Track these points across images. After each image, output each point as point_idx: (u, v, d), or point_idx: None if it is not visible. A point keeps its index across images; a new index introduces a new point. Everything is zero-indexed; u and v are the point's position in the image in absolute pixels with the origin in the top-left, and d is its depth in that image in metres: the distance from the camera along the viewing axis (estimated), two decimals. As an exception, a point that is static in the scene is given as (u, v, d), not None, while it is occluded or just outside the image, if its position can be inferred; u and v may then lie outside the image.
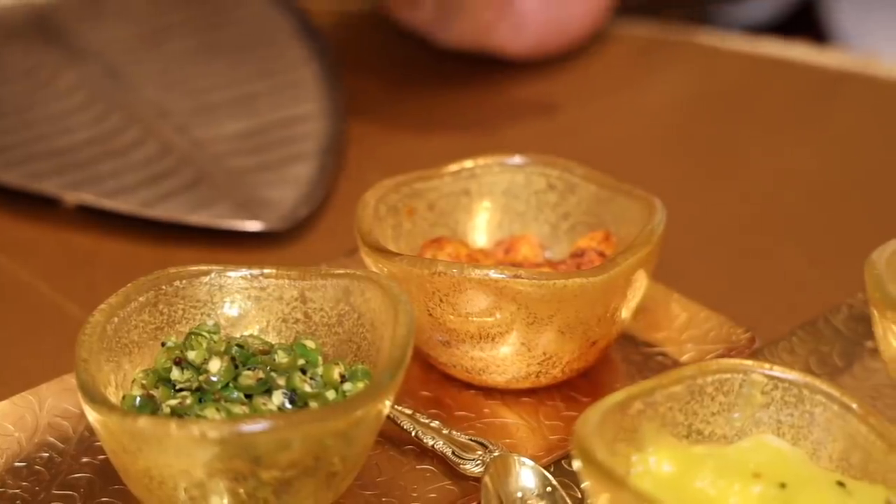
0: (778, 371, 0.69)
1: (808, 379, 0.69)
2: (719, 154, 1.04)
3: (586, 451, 0.63)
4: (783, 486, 0.65)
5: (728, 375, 0.69)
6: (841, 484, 0.66)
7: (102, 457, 0.73)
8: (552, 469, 0.72)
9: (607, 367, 0.81)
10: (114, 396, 0.70)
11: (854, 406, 0.67)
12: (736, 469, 0.66)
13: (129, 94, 1.06)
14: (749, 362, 0.69)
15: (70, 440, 0.75)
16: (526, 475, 0.71)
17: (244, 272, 0.76)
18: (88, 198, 0.95)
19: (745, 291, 0.89)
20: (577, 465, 0.63)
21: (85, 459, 0.74)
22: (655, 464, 0.67)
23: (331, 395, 0.71)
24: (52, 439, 0.75)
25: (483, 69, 1.12)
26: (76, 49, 1.11)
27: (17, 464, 0.73)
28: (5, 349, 0.84)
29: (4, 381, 0.80)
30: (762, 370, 0.69)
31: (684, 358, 0.80)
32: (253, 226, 0.93)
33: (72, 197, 0.95)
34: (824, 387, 0.68)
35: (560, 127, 1.07)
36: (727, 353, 0.80)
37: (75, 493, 0.72)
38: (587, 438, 0.63)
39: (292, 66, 1.10)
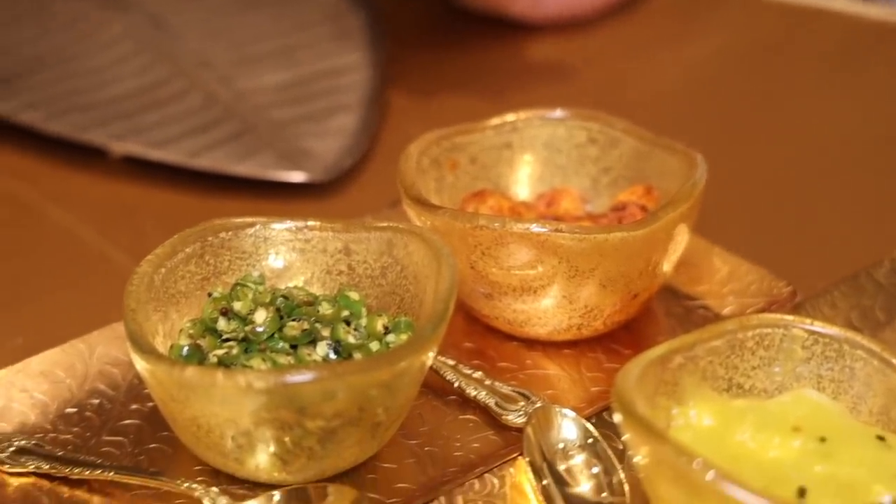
0: (819, 326, 0.69)
1: (849, 334, 0.69)
2: (761, 107, 1.04)
3: (627, 405, 0.63)
4: (823, 439, 0.66)
5: (769, 330, 0.70)
6: (881, 438, 0.66)
7: (151, 404, 0.74)
8: (594, 420, 0.73)
9: (649, 319, 0.81)
10: (161, 346, 0.72)
11: (894, 361, 0.67)
12: (776, 423, 0.67)
13: (173, 44, 1.07)
14: (790, 317, 0.70)
15: (119, 387, 0.76)
16: (567, 427, 0.72)
17: (289, 224, 0.77)
18: (134, 148, 0.96)
19: (786, 245, 0.89)
20: (617, 417, 0.64)
21: (134, 406, 0.75)
22: (696, 417, 0.67)
23: (374, 346, 0.72)
24: (102, 386, 0.76)
25: (525, 25, 1.12)
26: (122, 0, 1.12)
27: (68, 410, 0.75)
28: (55, 297, 0.86)
29: (55, 329, 0.81)
30: (803, 325, 0.69)
31: (725, 311, 0.81)
32: (296, 177, 0.94)
33: (118, 147, 0.96)
34: (865, 342, 0.69)
35: (601, 81, 1.07)
36: (768, 307, 0.80)
37: (125, 439, 0.73)
38: (628, 392, 0.64)
39: (335, 16, 1.11)
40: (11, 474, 0.70)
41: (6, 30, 1.07)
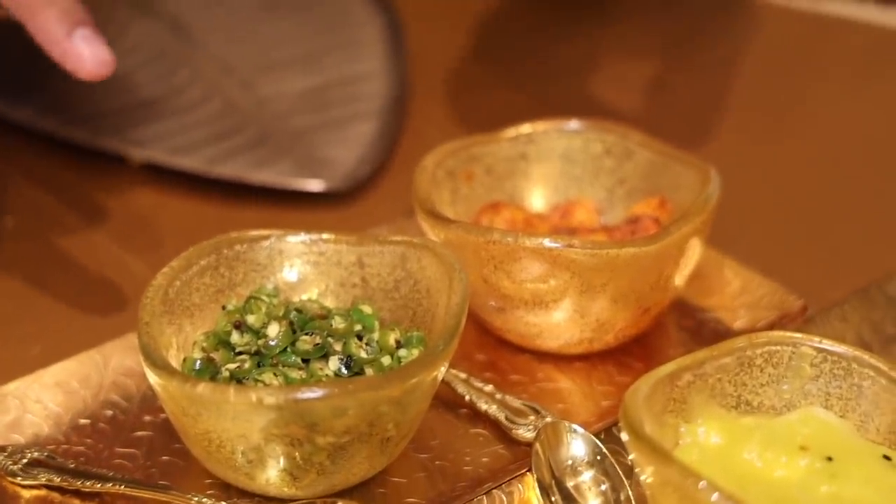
0: (827, 344, 0.70)
1: (858, 352, 0.69)
2: (775, 117, 1.04)
3: (634, 425, 0.64)
4: (829, 459, 0.66)
5: (777, 347, 0.70)
6: (887, 457, 0.66)
7: (164, 415, 0.75)
8: (603, 436, 0.73)
9: (660, 332, 0.82)
10: (175, 358, 0.72)
11: (902, 380, 0.68)
12: (783, 441, 0.67)
13: (194, 50, 1.07)
14: (798, 335, 0.70)
15: (133, 398, 0.77)
16: (576, 443, 0.72)
17: (303, 237, 0.77)
18: (154, 155, 0.97)
19: (798, 257, 0.89)
20: (624, 437, 0.64)
21: (147, 418, 0.76)
22: (704, 435, 0.68)
23: (386, 360, 0.72)
24: (116, 397, 0.77)
25: (541, 31, 1.12)
26: (142, 4, 1.12)
27: (81, 421, 0.75)
28: (72, 305, 0.86)
29: (71, 338, 0.81)
30: (812, 343, 0.70)
31: (737, 324, 0.81)
32: (314, 185, 0.94)
33: (137, 154, 0.97)
34: (873, 360, 0.69)
35: (615, 88, 1.07)
36: (779, 320, 0.80)
37: (137, 451, 0.74)
38: (635, 412, 0.64)
39: (355, 23, 1.11)
40: (24, 486, 0.71)
41: (25, 34, 1.08)
